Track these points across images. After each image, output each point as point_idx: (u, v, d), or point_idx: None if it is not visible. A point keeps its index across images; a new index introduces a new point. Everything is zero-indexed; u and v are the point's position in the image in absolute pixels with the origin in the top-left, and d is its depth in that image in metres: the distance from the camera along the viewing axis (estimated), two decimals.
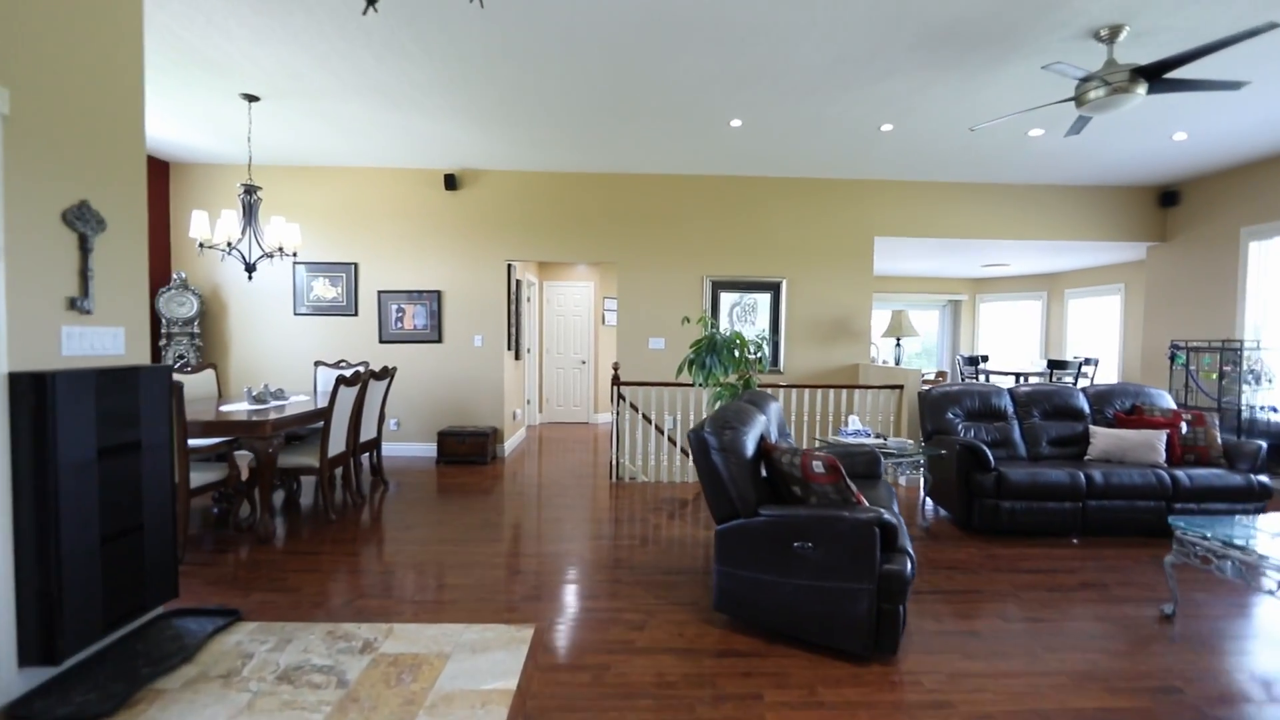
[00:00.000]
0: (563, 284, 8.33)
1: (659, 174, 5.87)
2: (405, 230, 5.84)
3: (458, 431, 5.60)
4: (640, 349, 5.96)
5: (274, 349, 5.86)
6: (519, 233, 5.86)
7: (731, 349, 4.18)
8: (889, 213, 5.98)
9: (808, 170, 5.73)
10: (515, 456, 6.09)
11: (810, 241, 5.97)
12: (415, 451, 5.94)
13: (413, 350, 5.90)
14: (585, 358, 8.39)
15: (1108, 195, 6.08)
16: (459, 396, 5.93)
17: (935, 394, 4.44)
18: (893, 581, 2.19)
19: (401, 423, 5.95)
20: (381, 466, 4.79)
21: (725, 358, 4.14)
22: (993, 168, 5.54)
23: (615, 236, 5.90)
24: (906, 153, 5.15)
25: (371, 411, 4.50)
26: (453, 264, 5.87)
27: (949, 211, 5.99)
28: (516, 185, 5.84)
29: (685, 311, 5.90)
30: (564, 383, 8.38)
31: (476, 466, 5.53)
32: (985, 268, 8.24)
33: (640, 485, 4.95)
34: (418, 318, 5.88)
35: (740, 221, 5.95)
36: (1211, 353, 5.35)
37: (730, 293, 5.97)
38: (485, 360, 5.92)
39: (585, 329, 8.37)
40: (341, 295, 5.85)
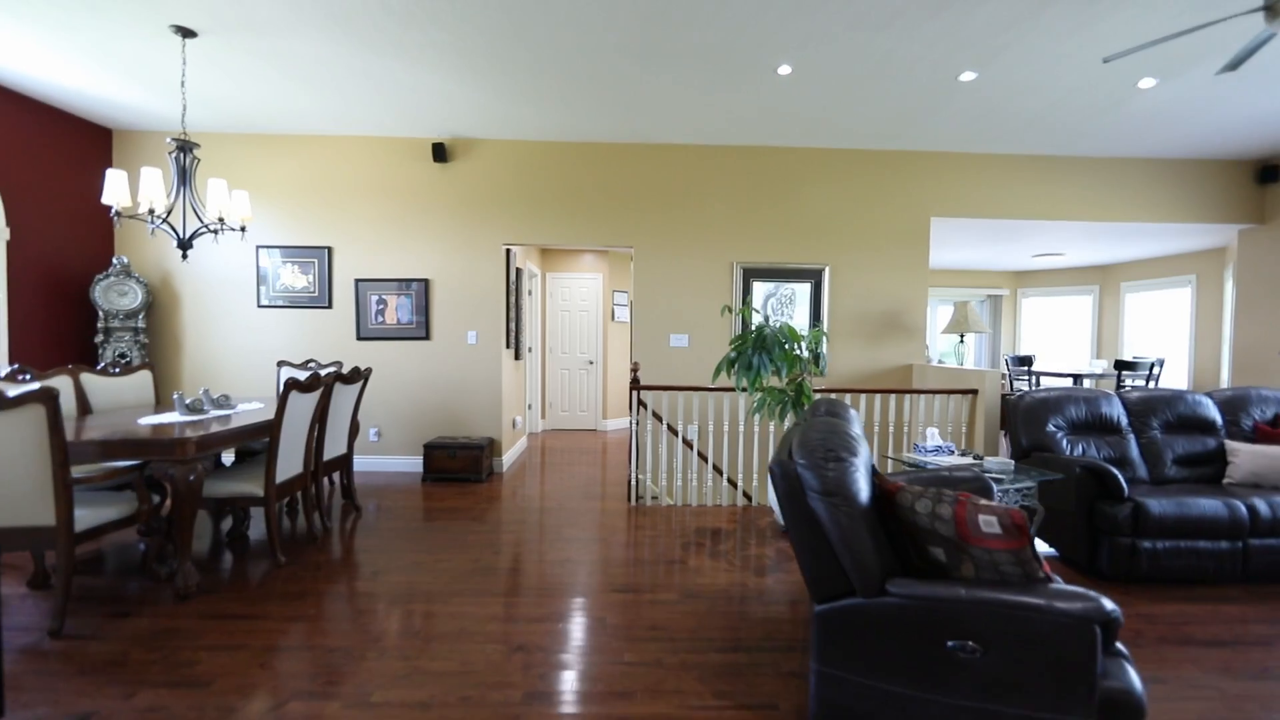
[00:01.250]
0: (568, 275, 7.51)
1: (684, 144, 5.06)
2: (387, 210, 5.02)
3: (448, 443, 4.78)
4: (660, 347, 5.14)
5: (234, 346, 5.04)
6: (519, 213, 5.05)
7: (784, 345, 3.37)
8: (947, 190, 5.16)
9: (857, 139, 4.92)
10: (515, 471, 5.27)
11: (857, 223, 5.16)
12: (398, 466, 5.12)
13: (396, 348, 5.09)
14: (593, 357, 7.57)
15: (1195, 170, 5.27)
16: (450, 402, 5.11)
17: (1031, 401, 3.62)
18: (1120, 711, 1.37)
19: (382, 433, 5.13)
20: (353, 488, 3.97)
21: (778, 356, 3.33)
22: (1071, 137, 4.73)
23: (632, 218, 5.09)
24: (978, 116, 4.34)
25: (339, 422, 3.68)
26: (442, 249, 5.05)
27: (1014, 189, 5.17)
28: (517, 157, 5.03)
29: (712, 303, 5.09)
30: (569, 385, 7.56)
31: (469, 485, 4.71)
32: (1036, 258, 7.44)
33: (664, 510, 4.13)
34: (401, 311, 5.06)
35: (777, 200, 5.14)
36: None
37: (765, 282, 5.16)
38: (480, 360, 5.10)
39: (593, 325, 7.55)
40: (313, 284, 5.03)
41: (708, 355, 5.15)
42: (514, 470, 5.31)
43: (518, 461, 5.68)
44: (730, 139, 4.97)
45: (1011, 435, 3.69)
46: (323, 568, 3.00)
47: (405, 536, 3.49)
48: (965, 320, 5.01)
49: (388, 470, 5.10)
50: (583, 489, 4.67)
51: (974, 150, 5.11)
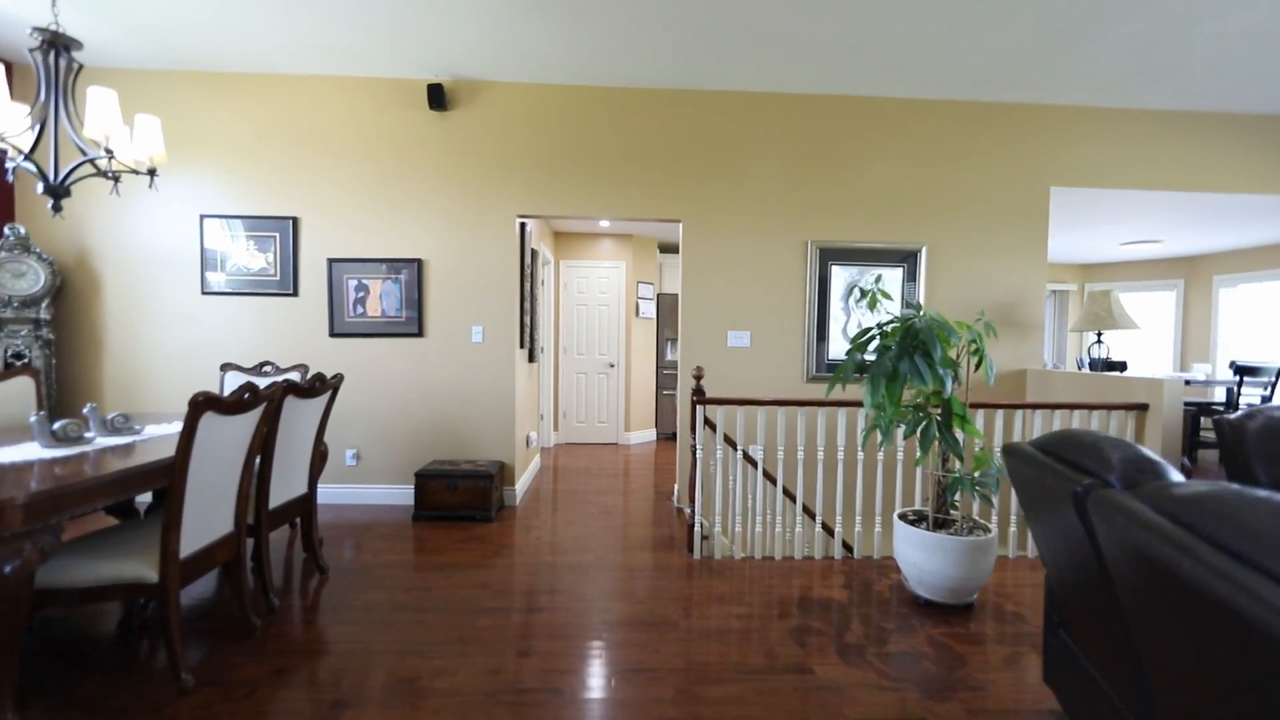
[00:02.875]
0: (585, 264, 6.44)
1: (745, 92, 4.01)
2: (369, 172, 3.94)
3: (446, 471, 3.69)
4: (714, 348, 4.09)
5: (170, 345, 3.93)
6: (538, 177, 3.97)
7: (941, 343, 2.32)
8: (1073, 154, 4.15)
9: (963, 87, 3.89)
10: (530, 503, 4.19)
11: (960, 194, 4.13)
12: (382, 497, 4.02)
13: (380, 348, 3.99)
14: (614, 359, 6.50)
15: None
16: (449, 417, 4.03)
17: (1268, 419, 2.60)
18: None
19: (362, 455, 4.03)
20: (316, 539, 2.88)
21: (942, 360, 2.28)
22: (1241, 82, 3.72)
23: (679, 184, 4.03)
24: (1129, 54, 3.32)
25: (295, 451, 2.60)
26: (440, 222, 3.97)
27: (1149, 153, 4.17)
28: (535, 105, 3.96)
29: (778, 290, 4.05)
30: (586, 392, 6.49)
31: (474, 526, 3.62)
32: (1124, 246, 6.45)
33: (739, 567, 3.07)
34: (387, 300, 3.97)
35: (862, 164, 4.09)
36: None
37: (846, 266, 4.12)
38: (488, 363, 4.02)
39: (614, 322, 6.48)
40: (273, 265, 3.93)
41: (776, 357, 4.10)
42: (528, 501, 4.23)
43: (531, 488, 4.60)
44: (803, 85, 3.92)
45: (1235, 467, 2.66)
46: (256, 692, 1.91)
47: (388, 619, 2.41)
48: (1107, 314, 4.02)
49: (369, 503, 4.00)
50: (622, 532, 3.60)
51: (1106, 104, 4.09)
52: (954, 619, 2.52)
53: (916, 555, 2.58)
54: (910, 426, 2.59)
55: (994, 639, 2.35)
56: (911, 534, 2.60)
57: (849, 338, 4.10)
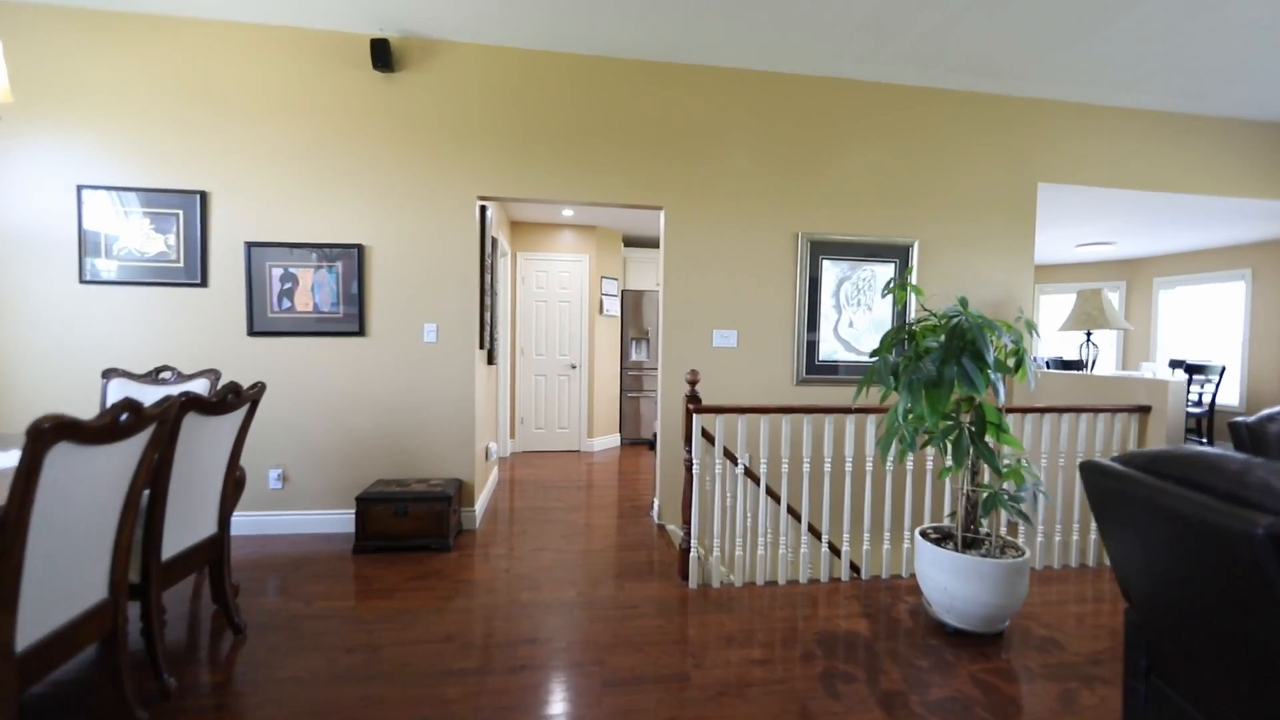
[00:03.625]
0: (543, 256, 5.94)
1: (730, 68, 3.67)
2: (299, 139, 3.33)
3: (395, 494, 3.15)
4: (698, 347, 3.73)
5: (39, 345, 3.18)
6: (502, 154, 3.49)
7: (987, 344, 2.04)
8: (1059, 150, 4.06)
9: (953, 75, 3.71)
10: (491, 526, 3.69)
11: (950, 187, 3.96)
12: (315, 526, 3.42)
13: (312, 348, 3.39)
14: (576, 360, 6.04)
15: None
16: (397, 428, 3.47)
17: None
18: None
19: (289, 476, 3.41)
20: (229, 589, 2.30)
21: (998, 363, 2.00)
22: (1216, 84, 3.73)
23: (660, 167, 3.64)
24: (1125, 46, 3.22)
25: (200, 480, 2.03)
26: (386, 202, 3.41)
27: (1132, 152, 4.15)
28: (499, 71, 3.47)
29: (767, 286, 3.74)
30: (545, 395, 6.00)
31: (428, 558, 3.10)
32: (1080, 248, 6.61)
33: (742, 596, 2.72)
34: (321, 293, 3.37)
35: (854, 152, 3.85)
36: None
37: (839, 260, 3.86)
38: (443, 365, 3.49)
39: (576, 320, 6.02)
40: (174, 249, 3.25)
41: (765, 358, 3.79)
42: (489, 523, 3.72)
43: (491, 507, 4.09)
44: (793, 64, 3.63)
45: None
46: None
47: (327, 697, 1.89)
48: (1099, 314, 3.97)
49: (299, 532, 3.39)
50: (603, 557, 3.17)
51: (1095, 101, 4.03)
52: (989, 650, 2.26)
53: (947, 580, 2.31)
54: (938, 437, 2.31)
55: (1040, 674, 2.11)
56: (942, 557, 2.32)
57: (840, 337, 3.85)
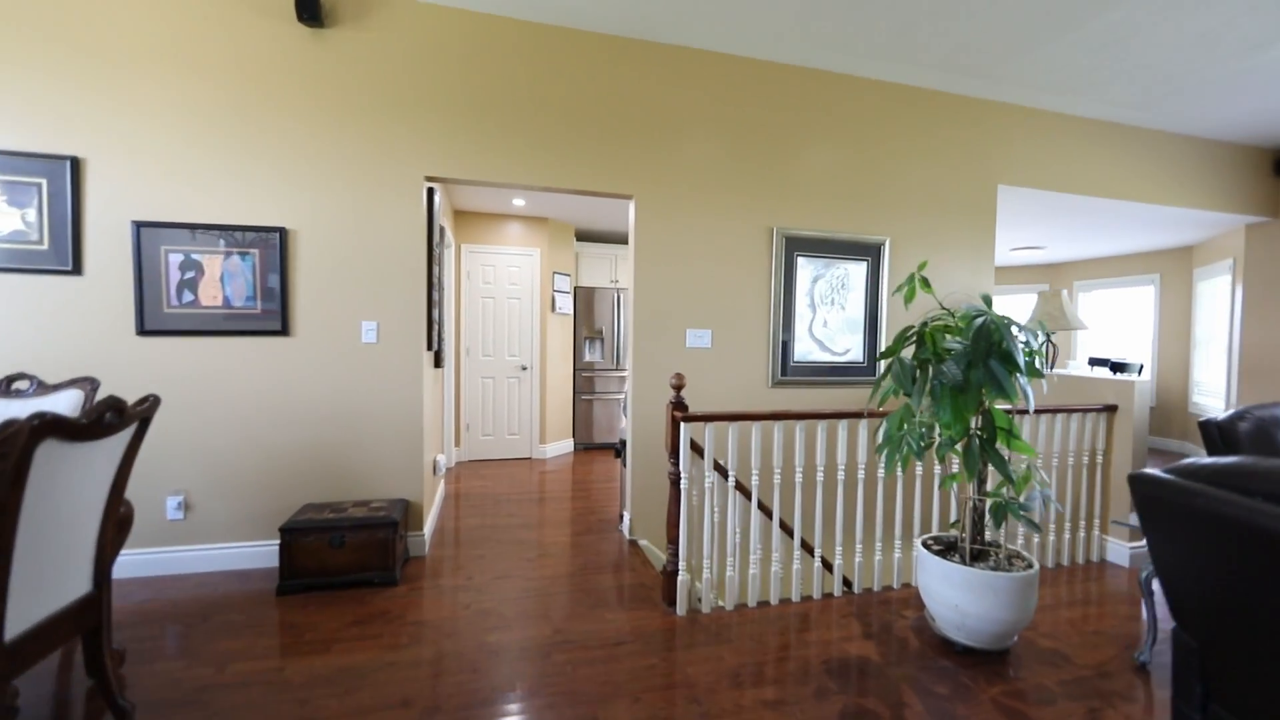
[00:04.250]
0: (490, 249, 5.49)
1: (704, 50, 3.44)
2: (206, 100, 2.77)
3: (330, 521, 2.68)
4: (670, 347, 3.47)
5: None
6: (454, 130, 3.07)
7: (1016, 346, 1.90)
8: (1017, 153, 4.12)
9: (923, 72, 3.66)
10: (442, 551, 3.26)
11: (918, 186, 3.92)
12: (228, 562, 2.87)
13: (221, 350, 2.84)
14: (527, 361, 5.63)
15: (1210, 153, 4.77)
16: (330, 444, 2.98)
17: (1258, 420, 2.56)
18: None
19: (193, 504, 2.85)
20: (108, 659, 1.79)
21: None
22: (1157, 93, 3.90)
23: (631, 153, 3.35)
24: (1088, 52, 3.27)
25: (64, 528, 1.54)
26: (316, 179, 2.91)
27: (1079, 159, 4.29)
28: (452, 34, 3.05)
29: (741, 282, 3.55)
30: (493, 399, 5.55)
31: (372, 595, 2.65)
32: (1014, 251, 6.92)
33: (734, 621, 2.49)
34: (234, 284, 2.83)
35: (830, 145, 3.72)
36: None
37: (813, 258, 3.71)
38: (385, 369, 3.04)
39: (526, 318, 5.61)
40: (34, 227, 2.62)
41: (739, 359, 3.59)
42: (440, 547, 3.30)
43: (439, 528, 3.65)
44: (767, 50, 3.45)
45: None
46: None
47: None
48: (1060, 314, 4.05)
49: (207, 570, 2.83)
50: (576, 582, 2.85)
51: (1050, 108, 4.12)
52: (1001, 669, 2.14)
53: (958, 596, 2.18)
54: (946, 444, 2.17)
55: (1061, 693, 2.00)
56: (952, 571, 2.18)
57: (815, 337, 3.72)
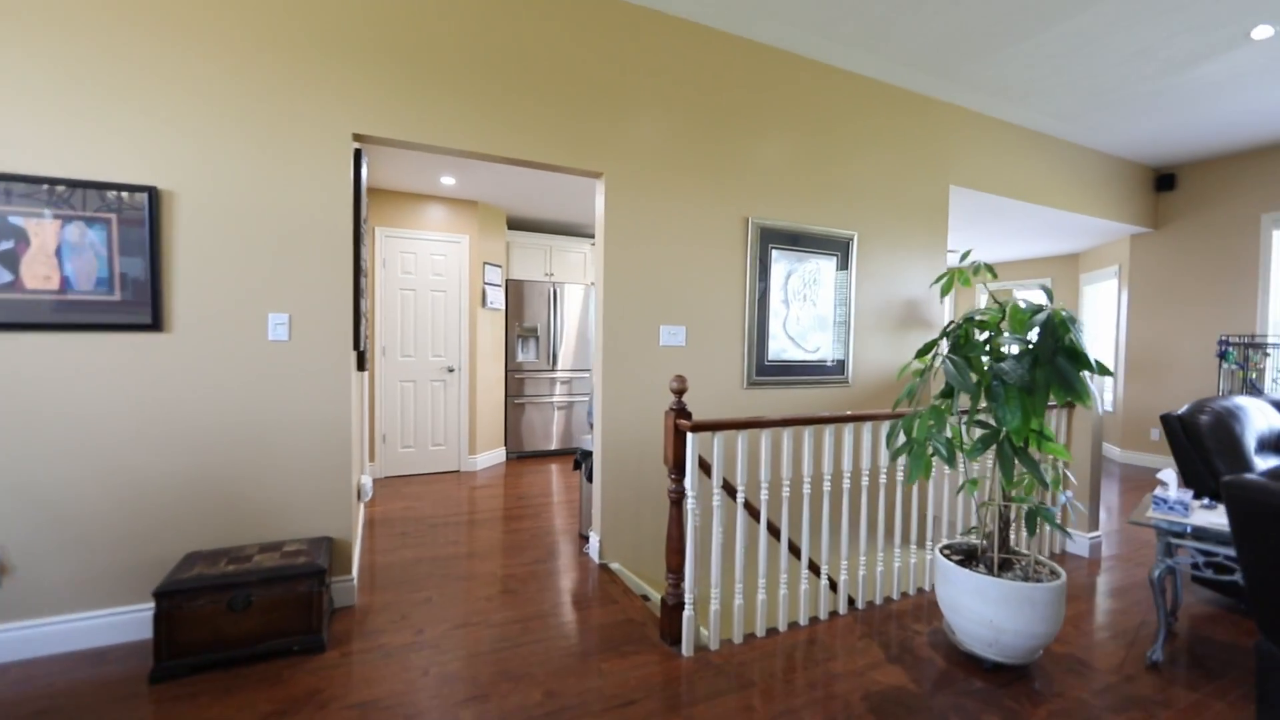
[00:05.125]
0: (411, 234, 4.80)
1: (690, 21, 3.11)
2: (35, 4, 1.99)
3: (227, 577, 2.02)
4: (643, 345, 3.11)
5: None
6: (389, 80, 2.50)
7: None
8: (965, 156, 4.22)
9: (890, 67, 3.61)
10: (375, 596, 2.66)
11: (881, 181, 3.87)
12: (76, 639, 2.10)
13: (58, 352, 2.07)
14: (454, 362, 5.00)
15: (1115, 169, 5.28)
16: (223, 472, 2.29)
17: (1216, 413, 2.69)
18: None
19: (13, 565, 2.05)
20: None
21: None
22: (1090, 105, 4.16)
23: (602, 124, 2.94)
24: (1044, 59, 3.38)
25: None
26: (203, 127, 2.21)
27: (1015, 165, 4.50)
28: None
29: (717, 275, 3.30)
30: (415, 405, 4.86)
31: (292, 669, 2.04)
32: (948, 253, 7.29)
33: (750, 657, 2.19)
34: (77, 260, 2.07)
35: (804, 135, 3.54)
36: (1254, 349, 4.82)
37: (787, 251, 3.52)
38: (300, 373, 2.40)
39: (453, 313, 4.98)
40: None
41: (714, 358, 3.31)
42: (373, 590, 2.69)
43: (367, 565, 3.02)
44: (751, 28, 3.20)
45: (1191, 463, 2.72)
46: None
47: None
48: None
49: (37, 656, 2.05)
50: (553, 624, 2.40)
51: (995, 114, 4.25)
52: (1033, 684, 2.02)
53: (993, 612, 2.03)
54: (976, 448, 2.02)
55: (1101, 706, 1.90)
56: (986, 586, 2.03)
57: (789, 334, 3.53)
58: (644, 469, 3.11)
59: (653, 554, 3.13)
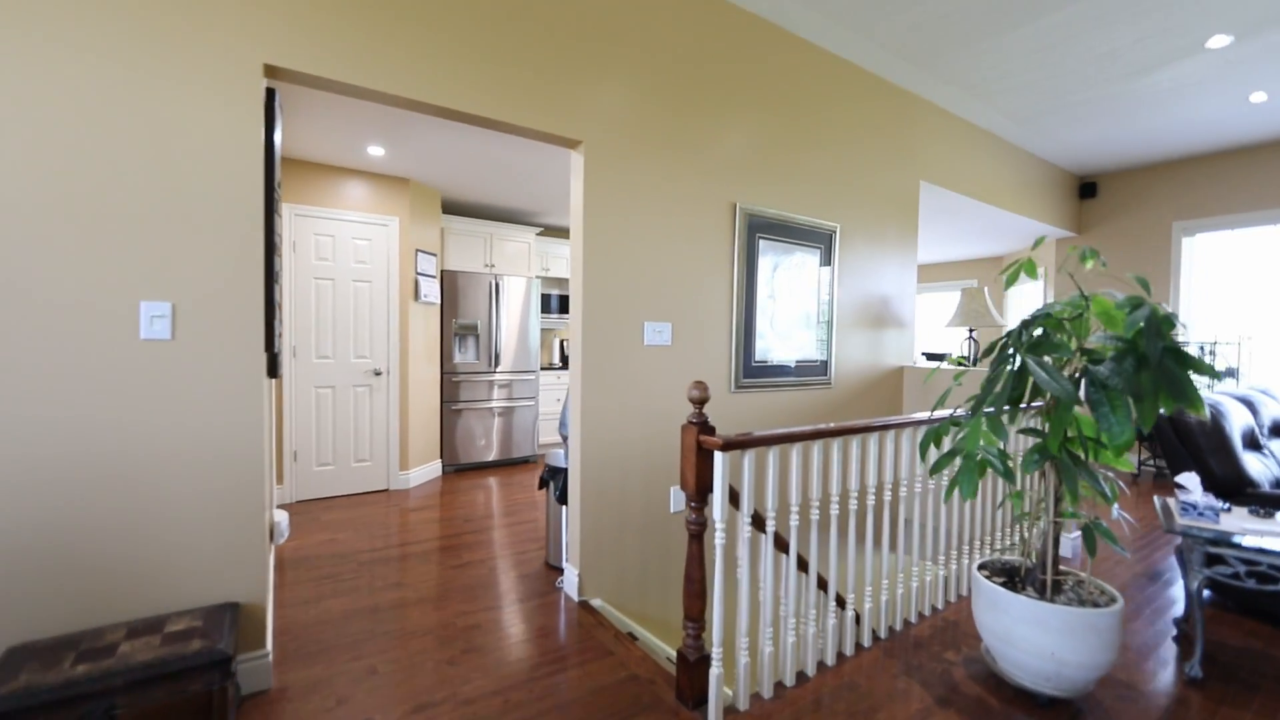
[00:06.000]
0: (328, 213, 4.06)
1: None
2: None
3: (78, 683, 1.38)
4: (626, 344, 2.70)
5: None
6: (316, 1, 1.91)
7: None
8: (935, 152, 4.16)
9: (877, 53, 3.43)
10: (292, 670, 2.06)
11: (860, 172, 3.70)
12: None
13: None
14: (381, 364, 4.31)
15: (1049, 175, 5.52)
16: (68, 526, 1.62)
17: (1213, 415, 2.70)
18: None
19: None
20: None
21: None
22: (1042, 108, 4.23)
23: (585, 86, 2.49)
24: (1018, 55, 3.33)
25: None
26: (28, 35, 1.53)
27: (974, 165, 4.51)
28: None
29: (703, 266, 2.97)
30: (334, 415, 4.13)
31: None
32: None
33: (784, 715, 1.85)
34: None
35: (794, 119, 3.27)
36: None
37: (775, 242, 3.23)
38: (186, 384, 1.76)
39: (380, 308, 4.29)
40: None
41: (700, 359, 2.95)
42: (291, 663, 2.08)
43: (281, 629, 2.38)
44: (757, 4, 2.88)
45: (1180, 461, 2.71)
46: None
47: None
48: (985, 311, 4.13)
49: None
50: (541, 692, 1.93)
51: (959, 113, 4.21)
52: (1089, 717, 1.84)
53: (1056, 643, 1.81)
54: (1033, 459, 1.80)
55: None
56: (1046, 614, 1.81)
57: (777, 333, 3.24)
58: (627, 487, 2.70)
59: (636, 584, 2.72)
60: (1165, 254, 5.41)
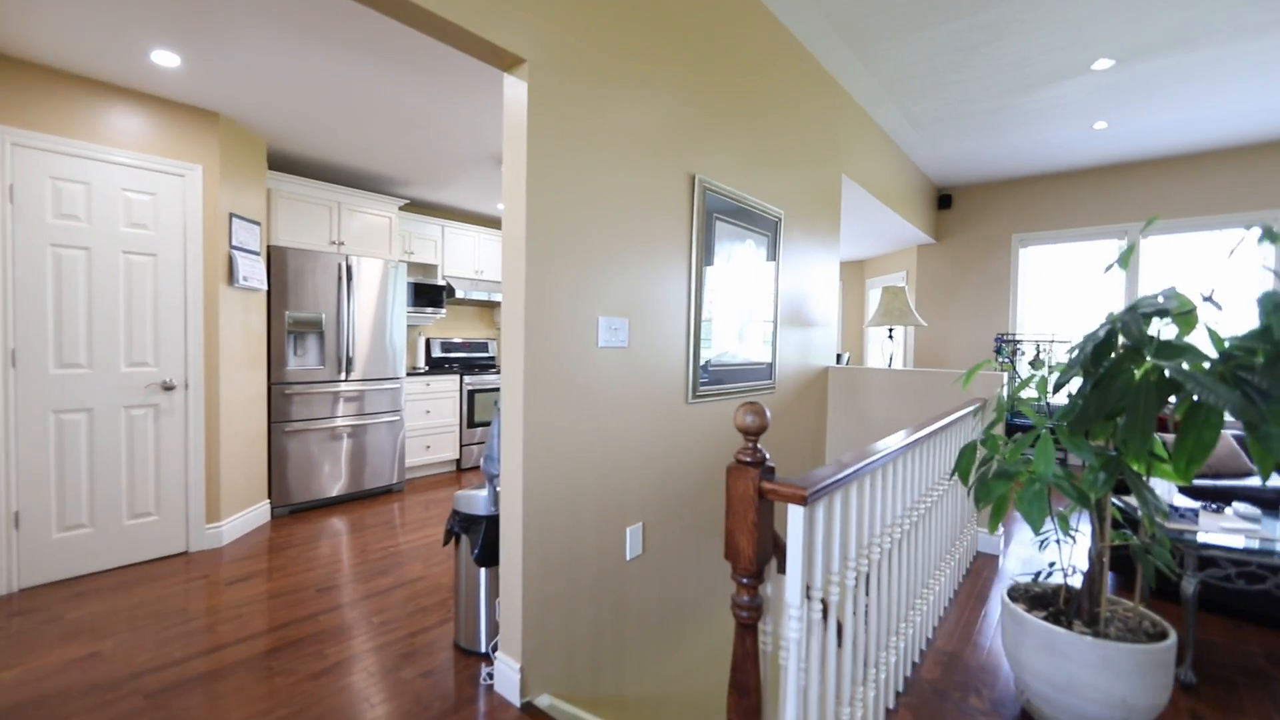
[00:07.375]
0: (80, 149, 2.68)
1: None
2: None
3: None
4: (579, 345, 2.02)
5: None
6: None
7: None
8: (852, 148, 4.05)
9: (814, 24, 3.15)
10: None
11: (797, 158, 3.40)
12: None
13: None
14: (175, 374, 3.01)
15: (920, 184, 5.92)
16: None
17: None
18: None
19: None
20: None
21: None
22: (940, 112, 4.37)
23: None
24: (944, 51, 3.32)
25: None
26: None
27: (881, 166, 4.54)
28: None
29: (661, 248, 2.44)
30: (88, 451, 2.76)
31: None
32: None
33: None
34: None
35: (745, 89, 2.81)
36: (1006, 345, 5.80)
37: (730, 226, 2.76)
38: None
39: (172, 292, 2.99)
40: None
41: (659, 363, 2.38)
42: None
43: None
44: None
45: None
46: None
47: None
48: (907, 309, 4.04)
49: None
50: None
51: (872, 113, 4.15)
52: None
53: (1126, 688, 1.58)
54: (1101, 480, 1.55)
55: None
56: (1115, 655, 1.57)
57: (731, 331, 2.79)
58: (579, 536, 2.03)
59: (589, 660, 2.07)
60: (1007, 261, 6.09)
